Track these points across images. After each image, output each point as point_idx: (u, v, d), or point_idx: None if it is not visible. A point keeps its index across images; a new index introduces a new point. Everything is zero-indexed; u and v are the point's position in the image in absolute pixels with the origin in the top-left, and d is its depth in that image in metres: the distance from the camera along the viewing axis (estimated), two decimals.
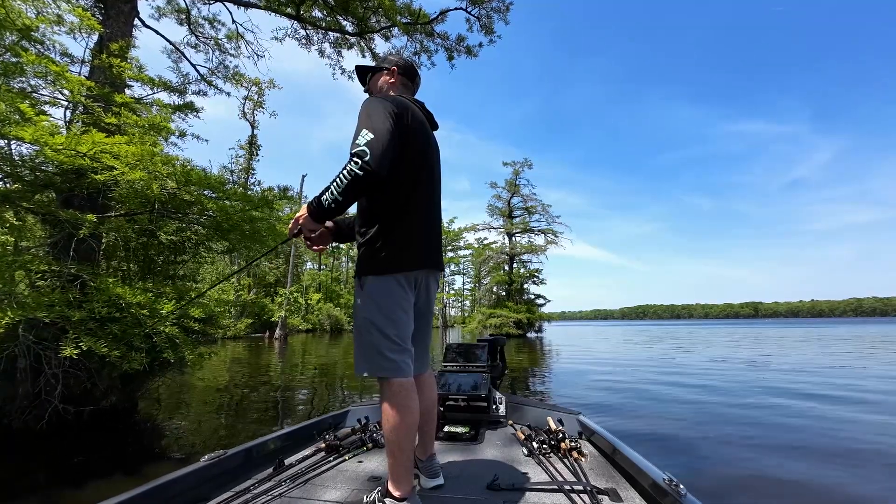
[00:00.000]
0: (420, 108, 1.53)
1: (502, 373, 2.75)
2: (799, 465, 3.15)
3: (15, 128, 3.06)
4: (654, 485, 1.36)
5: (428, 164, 1.47)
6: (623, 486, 1.52)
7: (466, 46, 7.54)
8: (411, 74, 1.64)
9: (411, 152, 1.39)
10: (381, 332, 1.35)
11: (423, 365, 1.57)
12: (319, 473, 1.70)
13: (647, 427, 4.32)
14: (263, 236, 5.41)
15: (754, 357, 11.71)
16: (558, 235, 28.96)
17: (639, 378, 7.83)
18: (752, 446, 3.64)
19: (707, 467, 3.14)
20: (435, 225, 1.50)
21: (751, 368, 9.12)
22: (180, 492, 1.42)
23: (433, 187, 1.51)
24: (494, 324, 26.15)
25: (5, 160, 4.01)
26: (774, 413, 4.88)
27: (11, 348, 3.78)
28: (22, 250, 4.03)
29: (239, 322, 24.87)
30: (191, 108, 5.31)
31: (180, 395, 6.27)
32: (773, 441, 3.78)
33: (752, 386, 6.77)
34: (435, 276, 1.54)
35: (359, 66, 1.70)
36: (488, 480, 1.54)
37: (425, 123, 1.51)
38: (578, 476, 1.58)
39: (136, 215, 4.86)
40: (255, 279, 31.19)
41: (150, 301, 3.89)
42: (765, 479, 2.91)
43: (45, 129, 3.29)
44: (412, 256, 1.39)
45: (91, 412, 4.29)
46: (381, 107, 1.33)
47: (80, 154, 3.50)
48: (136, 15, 6.42)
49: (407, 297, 1.40)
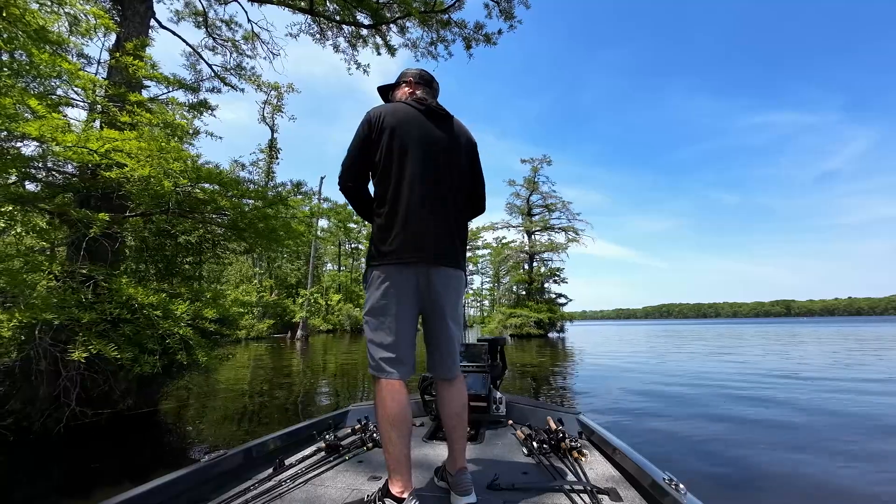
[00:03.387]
0: (418, 103, 1.52)
1: (502, 373, 2.73)
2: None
3: (22, 124, 2.96)
4: (654, 485, 1.35)
5: (417, 158, 1.44)
6: (623, 486, 1.51)
7: (485, 34, 7.22)
8: (427, 80, 1.67)
9: (391, 150, 1.43)
10: (369, 327, 1.42)
11: (441, 369, 1.49)
12: (319, 473, 1.69)
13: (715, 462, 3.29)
14: (279, 234, 5.29)
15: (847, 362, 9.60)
16: (579, 233, 28.27)
17: (685, 385, 7.35)
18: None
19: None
20: (430, 218, 1.42)
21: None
22: (180, 492, 1.42)
23: (428, 179, 1.45)
24: (515, 323, 25.68)
25: (21, 161, 3.98)
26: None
27: (28, 350, 3.74)
28: (36, 251, 3.98)
29: (261, 323, 25.28)
30: (205, 107, 5.22)
31: (204, 397, 6.21)
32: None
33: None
34: (439, 272, 1.43)
35: (380, 88, 1.76)
36: (488, 480, 1.54)
37: (415, 119, 1.49)
38: (578, 476, 1.58)
39: (151, 215, 4.80)
40: (276, 280, 31.71)
41: (163, 302, 3.76)
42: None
43: (56, 126, 3.19)
44: (394, 250, 1.38)
45: (109, 416, 4.23)
46: (358, 126, 1.49)
47: (90, 151, 3.40)
48: (152, 15, 6.43)
49: (394, 293, 1.38)
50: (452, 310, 1.48)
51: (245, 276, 28.73)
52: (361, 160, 1.48)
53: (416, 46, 7.38)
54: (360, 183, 1.52)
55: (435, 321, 1.47)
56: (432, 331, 1.48)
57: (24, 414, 4.02)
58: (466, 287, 1.63)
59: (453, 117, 1.58)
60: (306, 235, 7.56)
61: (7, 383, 4.12)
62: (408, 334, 1.41)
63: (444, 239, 1.44)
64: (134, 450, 3.83)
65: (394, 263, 1.38)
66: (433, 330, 1.48)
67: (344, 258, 45.02)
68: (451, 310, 1.47)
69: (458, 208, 1.51)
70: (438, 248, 1.42)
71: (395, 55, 7.56)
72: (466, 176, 1.58)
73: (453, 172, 1.50)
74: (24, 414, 4.02)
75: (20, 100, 3.32)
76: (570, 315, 29.14)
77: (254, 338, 24.47)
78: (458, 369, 1.51)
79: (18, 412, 4.03)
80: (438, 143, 1.49)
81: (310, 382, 7.73)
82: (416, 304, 1.43)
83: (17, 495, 2.82)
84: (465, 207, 1.58)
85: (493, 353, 2.68)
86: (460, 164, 1.54)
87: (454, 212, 1.49)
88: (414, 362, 1.44)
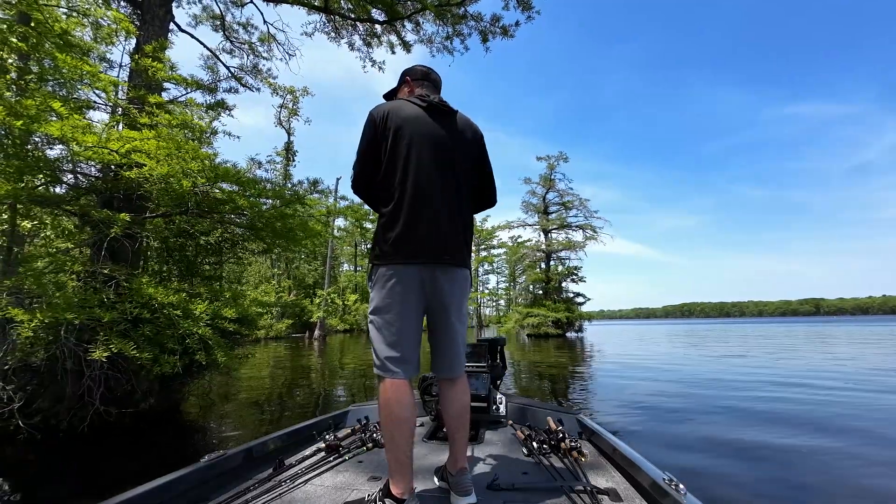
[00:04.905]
0: (420, 100, 1.51)
1: (502, 373, 2.71)
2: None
3: (44, 125, 2.99)
4: (654, 485, 1.35)
5: (421, 156, 1.43)
6: (623, 486, 1.50)
7: (502, 26, 7.04)
8: (427, 75, 1.65)
9: (395, 149, 1.42)
10: (373, 326, 1.41)
11: (444, 368, 1.49)
12: (319, 473, 1.69)
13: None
14: (297, 234, 5.28)
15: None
16: (597, 230, 27.70)
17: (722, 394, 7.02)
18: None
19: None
20: (435, 217, 1.41)
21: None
22: (180, 492, 1.41)
23: (432, 177, 1.43)
24: (532, 323, 25.34)
25: (48, 165, 4.05)
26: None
27: (53, 350, 3.80)
28: (60, 252, 4.04)
29: (279, 323, 25.67)
30: (223, 106, 5.24)
31: (225, 397, 6.25)
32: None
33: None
34: (444, 271, 1.42)
35: (385, 95, 1.75)
36: (488, 480, 1.54)
37: (419, 116, 1.47)
38: (578, 476, 1.58)
39: (171, 216, 4.84)
40: (294, 281, 32.18)
41: (182, 301, 3.76)
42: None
43: (76, 126, 3.21)
44: (399, 249, 1.38)
45: (132, 414, 4.28)
46: (363, 127, 1.49)
47: (111, 151, 3.41)
48: (171, 19, 6.52)
49: (399, 292, 1.37)
50: (457, 309, 1.47)
51: (264, 277, 29.24)
52: (371, 161, 1.48)
53: (431, 42, 7.29)
54: (372, 184, 1.52)
55: (439, 320, 1.46)
56: (437, 330, 1.48)
57: (51, 412, 4.10)
58: (472, 286, 1.63)
59: (457, 112, 1.56)
60: (324, 234, 7.58)
61: (35, 382, 4.21)
62: (412, 333, 1.41)
63: (449, 237, 1.43)
64: (156, 448, 3.86)
65: (399, 262, 1.38)
66: (438, 329, 1.48)
67: (360, 258, 45.38)
68: (456, 309, 1.47)
69: (463, 206, 1.50)
70: (443, 247, 1.41)
71: (410, 51, 7.50)
72: (473, 171, 1.57)
73: (458, 169, 1.49)
74: (51, 412, 4.10)
75: (44, 102, 3.36)
76: (589, 314, 28.62)
77: (273, 337, 24.88)
78: (462, 369, 1.50)
79: (46, 411, 4.11)
80: (442, 140, 1.47)
81: (328, 382, 7.74)
82: (421, 303, 1.42)
83: (43, 493, 2.84)
84: (470, 204, 1.57)
85: (493, 353, 2.68)
86: (466, 159, 1.52)
87: (459, 210, 1.48)
88: (419, 361, 1.43)
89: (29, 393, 4.14)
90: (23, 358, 3.92)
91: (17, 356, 3.89)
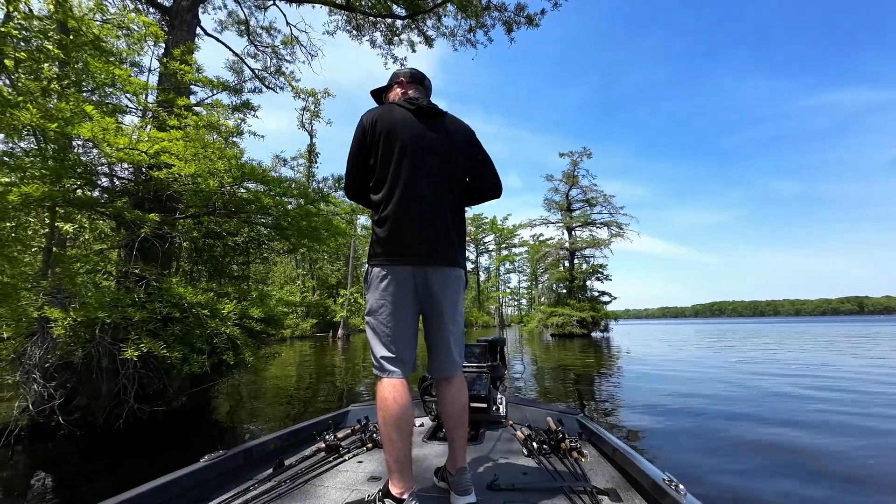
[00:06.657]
0: (409, 103, 1.52)
1: (502, 373, 2.72)
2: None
3: (76, 127, 3.03)
4: (654, 485, 1.34)
5: (410, 158, 1.44)
6: (623, 486, 1.50)
7: (527, 15, 6.85)
8: (418, 79, 1.68)
9: (385, 153, 1.44)
10: (369, 326, 1.45)
11: (439, 368, 1.50)
12: (319, 473, 1.68)
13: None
14: (321, 233, 5.26)
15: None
16: (623, 228, 26.88)
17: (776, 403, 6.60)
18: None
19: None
20: (425, 218, 1.42)
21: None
22: (180, 492, 1.41)
23: (421, 179, 1.44)
24: (556, 322, 24.85)
25: (85, 168, 4.16)
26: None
27: (90, 348, 3.89)
28: (94, 253, 4.13)
29: (304, 322, 26.16)
30: (248, 107, 5.28)
31: (254, 395, 6.34)
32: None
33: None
34: (436, 271, 1.44)
35: (373, 91, 1.76)
36: (488, 481, 1.54)
37: (407, 120, 1.48)
38: (578, 476, 1.58)
39: (200, 216, 4.90)
40: (318, 281, 32.76)
41: (210, 301, 3.77)
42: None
43: (107, 128, 3.25)
44: (392, 250, 1.40)
45: (164, 412, 4.35)
46: (354, 133, 1.52)
47: (141, 152, 3.45)
48: (197, 23, 6.65)
49: (393, 293, 1.40)
50: (451, 308, 1.48)
51: (289, 277, 29.89)
52: (362, 165, 1.51)
53: (454, 35, 7.17)
54: (364, 188, 1.55)
55: (434, 320, 1.48)
56: (431, 330, 1.50)
57: (88, 409, 4.21)
58: (467, 285, 1.61)
59: (445, 113, 1.58)
60: (348, 233, 7.58)
61: (74, 380, 4.34)
62: (408, 333, 1.43)
63: (440, 238, 1.44)
64: (189, 445, 3.90)
65: (391, 263, 1.41)
66: (432, 329, 1.49)
67: None
68: (450, 309, 1.47)
69: (453, 207, 1.51)
70: (435, 248, 1.43)
71: (432, 46, 7.40)
72: (464, 171, 1.58)
73: (447, 170, 1.50)
74: (88, 409, 4.21)
75: (77, 105, 3.43)
76: (614, 314, 27.84)
77: (298, 336, 25.39)
78: (458, 368, 1.51)
79: (84, 408, 4.23)
80: (431, 141, 1.49)
81: (352, 380, 7.77)
82: (415, 303, 1.44)
83: (85, 489, 2.88)
84: (462, 205, 1.59)
85: (493, 353, 2.67)
86: (455, 160, 1.53)
87: (450, 210, 1.49)
88: (415, 361, 1.45)
89: (69, 390, 4.28)
90: (63, 356, 4.04)
91: (58, 354, 4.02)
